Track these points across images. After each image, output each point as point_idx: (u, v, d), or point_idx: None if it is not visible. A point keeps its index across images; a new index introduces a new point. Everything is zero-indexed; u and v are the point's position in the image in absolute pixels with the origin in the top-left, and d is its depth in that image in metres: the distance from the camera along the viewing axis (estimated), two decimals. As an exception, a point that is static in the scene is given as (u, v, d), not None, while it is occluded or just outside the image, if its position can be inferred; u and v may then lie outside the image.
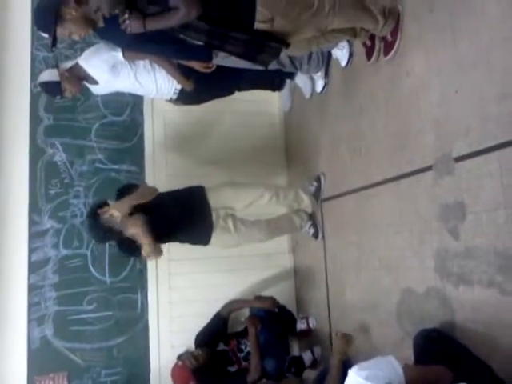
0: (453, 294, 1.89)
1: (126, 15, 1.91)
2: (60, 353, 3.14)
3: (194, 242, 2.89)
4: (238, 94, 3.17)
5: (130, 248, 2.62)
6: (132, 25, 1.91)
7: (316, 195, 3.12)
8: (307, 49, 2.45)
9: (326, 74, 3.01)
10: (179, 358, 3.04)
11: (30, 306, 3.14)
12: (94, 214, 2.52)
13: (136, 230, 2.50)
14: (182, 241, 2.88)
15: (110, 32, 2.13)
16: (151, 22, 1.90)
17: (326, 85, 3.05)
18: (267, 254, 3.58)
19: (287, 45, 2.11)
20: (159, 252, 2.63)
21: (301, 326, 3.24)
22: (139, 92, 2.94)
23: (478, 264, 1.77)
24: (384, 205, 2.41)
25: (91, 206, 2.78)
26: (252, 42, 2.03)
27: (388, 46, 2.33)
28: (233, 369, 3.03)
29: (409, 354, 1.87)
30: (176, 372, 2.99)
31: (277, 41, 2.07)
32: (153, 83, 2.82)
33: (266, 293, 3.40)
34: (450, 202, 1.91)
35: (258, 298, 3.23)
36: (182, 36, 2.00)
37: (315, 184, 3.13)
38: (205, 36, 1.98)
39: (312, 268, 3.33)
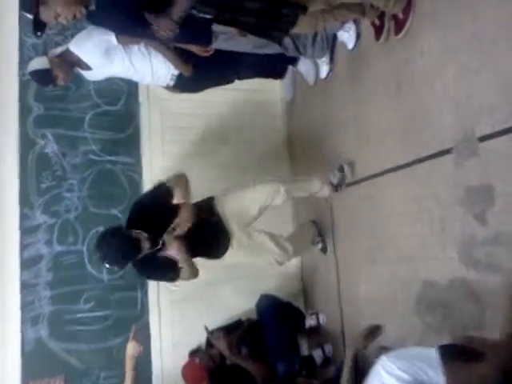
0: (480, 284, 1.80)
1: (156, 26, 1.93)
2: (56, 355, 3.08)
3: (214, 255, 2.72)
4: (237, 83, 3.12)
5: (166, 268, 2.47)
6: (166, 26, 1.92)
7: (340, 184, 2.90)
8: (313, 26, 2.39)
9: (331, 59, 2.94)
10: (193, 354, 3.00)
11: (24, 305, 3.08)
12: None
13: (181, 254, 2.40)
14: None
15: (101, 16, 2.08)
16: (174, 13, 1.87)
17: (331, 70, 2.98)
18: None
19: (304, 9, 2.02)
20: (196, 272, 2.55)
21: (310, 322, 3.16)
22: (134, 77, 2.87)
23: (509, 251, 1.67)
24: (399, 192, 2.33)
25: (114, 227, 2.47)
26: (266, 11, 1.95)
27: (399, 25, 2.24)
28: None
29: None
30: (190, 369, 2.94)
31: (292, 7, 1.99)
32: (148, 68, 2.74)
33: (271, 286, 3.36)
34: (474, 185, 1.82)
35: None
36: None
37: (338, 174, 2.90)
38: (215, 9, 1.91)
39: (320, 260, 3.24)
